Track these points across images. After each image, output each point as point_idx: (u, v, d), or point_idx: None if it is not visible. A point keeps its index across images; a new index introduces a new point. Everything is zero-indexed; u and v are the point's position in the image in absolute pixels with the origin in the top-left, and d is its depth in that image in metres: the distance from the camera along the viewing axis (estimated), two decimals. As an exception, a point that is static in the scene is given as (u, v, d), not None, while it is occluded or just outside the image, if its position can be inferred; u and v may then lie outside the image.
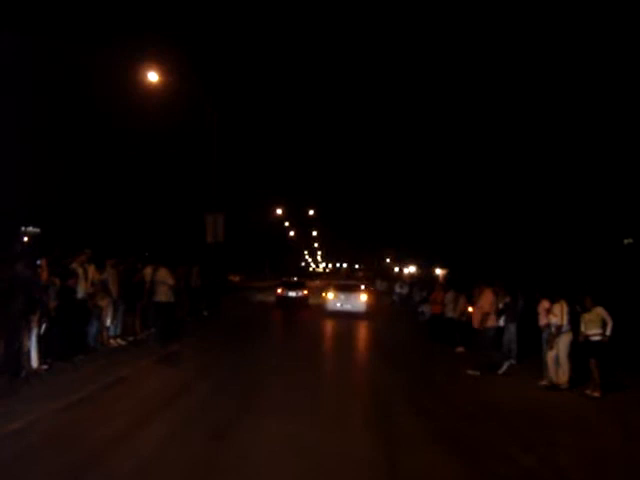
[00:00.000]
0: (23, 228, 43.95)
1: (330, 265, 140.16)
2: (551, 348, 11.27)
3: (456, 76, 32.13)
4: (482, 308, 12.72)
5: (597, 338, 10.64)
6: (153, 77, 23.32)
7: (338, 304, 24.69)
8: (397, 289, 32.81)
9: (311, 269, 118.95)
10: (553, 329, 11.26)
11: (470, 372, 12.38)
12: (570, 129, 24.70)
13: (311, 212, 68.31)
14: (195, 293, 20.62)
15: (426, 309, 21.22)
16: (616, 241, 27.24)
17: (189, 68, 31.19)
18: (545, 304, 11.70)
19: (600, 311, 10.64)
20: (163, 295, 14.26)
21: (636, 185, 23.03)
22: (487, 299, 12.74)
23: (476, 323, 12.91)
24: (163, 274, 13.97)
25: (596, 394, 10.50)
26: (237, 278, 56.80)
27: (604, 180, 23.37)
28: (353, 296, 25.13)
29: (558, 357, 11.16)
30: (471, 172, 31.26)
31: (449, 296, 17.14)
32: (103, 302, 12.19)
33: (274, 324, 22.71)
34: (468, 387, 11.35)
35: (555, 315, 11.26)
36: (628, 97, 22.35)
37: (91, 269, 11.42)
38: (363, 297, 25.32)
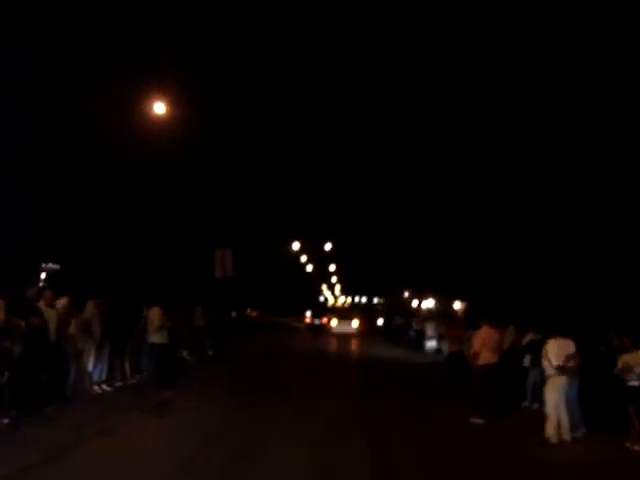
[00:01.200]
0: (43, 264, 43.52)
1: (349, 299, 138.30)
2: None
3: (463, 100, 31.05)
4: (473, 347, 11.96)
5: (636, 383, 9.32)
6: (160, 109, 22.86)
7: (339, 327, 38.24)
8: (414, 325, 31.44)
9: (330, 304, 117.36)
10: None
11: (473, 420, 11.02)
12: (588, 152, 23.42)
13: (328, 246, 67.03)
14: (199, 332, 19.65)
15: (444, 347, 19.92)
16: None
17: (198, 99, 30.69)
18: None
19: None
20: (156, 336, 13.23)
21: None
22: (478, 337, 11.86)
23: (470, 362, 12.13)
24: (153, 314, 12.93)
25: (637, 447, 9.16)
26: (255, 313, 55.97)
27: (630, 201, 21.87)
28: (348, 322, 39.34)
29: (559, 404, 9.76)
30: (491, 195, 29.93)
31: (469, 333, 15.84)
32: (84, 345, 11.13)
33: (285, 364, 20.95)
34: (483, 438, 10.10)
35: (546, 357, 9.92)
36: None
37: (62, 307, 10.40)
38: (354, 323, 39.69)
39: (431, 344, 26.69)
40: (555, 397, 9.67)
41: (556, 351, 9.75)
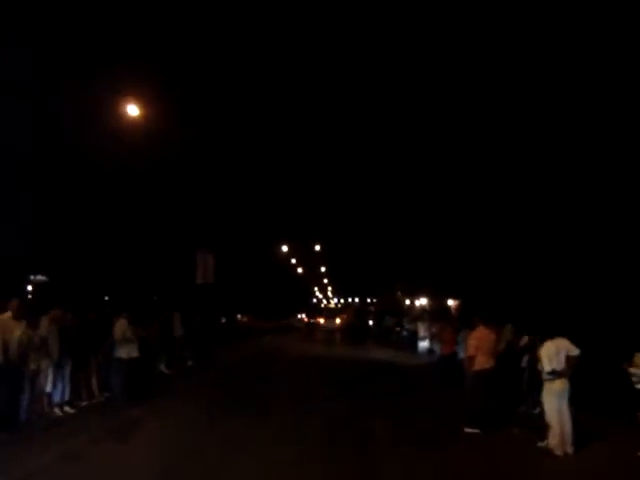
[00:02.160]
0: (32, 277, 42.49)
1: (342, 300, 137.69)
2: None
3: (462, 100, 30.17)
4: (467, 350, 11.06)
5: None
6: (138, 110, 21.96)
7: (325, 324, 52.09)
8: (406, 325, 30.55)
9: (323, 305, 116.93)
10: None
11: (467, 430, 10.12)
12: (585, 151, 22.60)
13: (317, 247, 65.97)
14: (178, 342, 18.61)
15: (436, 347, 18.99)
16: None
17: (181, 100, 29.89)
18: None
19: None
20: (123, 350, 12.22)
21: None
22: (472, 339, 10.88)
23: (464, 368, 11.28)
24: (118, 326, 11.92)
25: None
26: (245, 318, 55.01)
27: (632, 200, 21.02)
28: (333, 320, 54.32)
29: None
30: (484, 190, 29.04)
31: (463, 334, 14.88)
32: (40, 364, 10.10)
33: (271, 372, 19.62)
34: (482, 450, 9.17)
35: (540, 360, 9.11)
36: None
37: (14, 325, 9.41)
38: (337, 320, 54.25)
39: (424, 344, 25.86)
40: (554, 404, 8.81)
41: (549, 354, 8.88)
